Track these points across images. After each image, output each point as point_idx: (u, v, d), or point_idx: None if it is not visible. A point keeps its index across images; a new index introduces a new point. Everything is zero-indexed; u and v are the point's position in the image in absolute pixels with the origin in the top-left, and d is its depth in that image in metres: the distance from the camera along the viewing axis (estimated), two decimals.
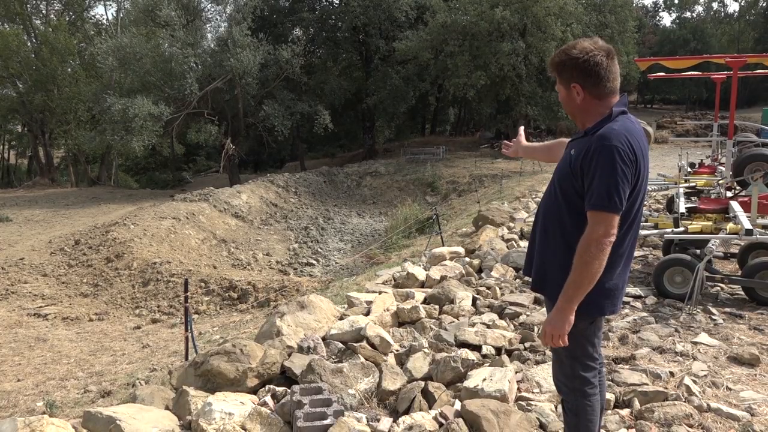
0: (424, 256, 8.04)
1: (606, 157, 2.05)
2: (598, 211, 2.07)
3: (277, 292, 11.85)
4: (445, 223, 16.26)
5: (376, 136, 39.14)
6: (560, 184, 2.26)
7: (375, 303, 5.07)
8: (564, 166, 2.27)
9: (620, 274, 2.29)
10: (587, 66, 2.18)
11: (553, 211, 2.30)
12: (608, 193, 2.05)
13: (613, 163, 2.05)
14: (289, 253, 17.80)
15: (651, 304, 5.38)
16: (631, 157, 2.08)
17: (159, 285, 12.85)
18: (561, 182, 2.26)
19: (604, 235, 2.06)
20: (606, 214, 2.06)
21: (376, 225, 22.25)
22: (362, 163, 31.78)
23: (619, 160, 2.05)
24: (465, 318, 4.96)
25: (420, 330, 4.71)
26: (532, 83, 29.07)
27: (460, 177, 25.52)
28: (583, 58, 2.18)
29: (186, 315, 5.98)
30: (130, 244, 14.66)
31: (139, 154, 28.22)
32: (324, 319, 4.79)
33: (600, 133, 2.12)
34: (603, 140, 2.08)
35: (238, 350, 3.84)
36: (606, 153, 2.06)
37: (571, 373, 2.35)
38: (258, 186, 24.02)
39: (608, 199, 2.05)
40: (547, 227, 2.33)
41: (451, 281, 5.80)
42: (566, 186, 2.22)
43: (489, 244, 7.83)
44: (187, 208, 18.47)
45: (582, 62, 2.18)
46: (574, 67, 2.20)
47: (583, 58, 2.18)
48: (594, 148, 2.09)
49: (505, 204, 13.23)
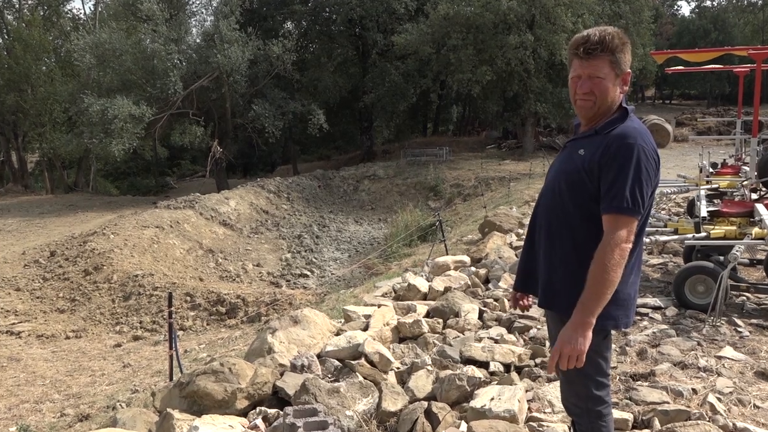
0: (427, 266, 8.04)
1: (631, 157, 2.07)
2: (620, 214, 2.07)
3: (268, 306, 11.84)
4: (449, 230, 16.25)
5: (375, 136, 39.23)
6: (569, 189, 2.24)
7: (374, 317, 5.07)
8: (572, 168, 2.25)
9: (633, 282, 2.28)
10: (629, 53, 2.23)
11: (560, 219, 2.28)
12: (632, 195, 2.05)
13: (639, 163, 2.06)
14: (281, 264, 17.79)
15: (671, 316, 5.38)
16: (655, 158, 2.12)
17: (141, 299, 12.83)
18: (570, 187, 2.24)
19: (626, 240, 2.06)
20: (628, 217, 2.07)
21: (375, 232, 22.25)
22: (359, 166, 31.82)
23: (644, 160, 2.07)
24: (471, 332, 4.96)
25: (422, 346, 4.71)
26: (541, 78, 29.15)
27: (464, 180, 25.54)
28: (629, 45, 2.23)
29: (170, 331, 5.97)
30: (109, 256, 14.65)
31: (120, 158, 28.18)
32: (319, 334, 4.79)
33: (620, 132, 2.13)
34: (625, 139, 2.10)
35: (227, 369, 3.83)
36: (631, 152, 2.07)
37: (584, 393, 2.33)
38: (247, 191, 24.04)
39: (632, 202, 2.05)
40: (554, 237, 2.30)
41: (455, 293, 5.80)
42: (578, 190, 2.21)
43: (496, 252, 7.84)
44: (171, 216, 18.47)
45: (630, 49, 2.23)
46: (627, 53, 2.21)
47: (629, 44, 2.23)
48: (616, 146, 2.09)
49: (513, 209, 13.24)
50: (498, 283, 6.53)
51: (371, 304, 5.91)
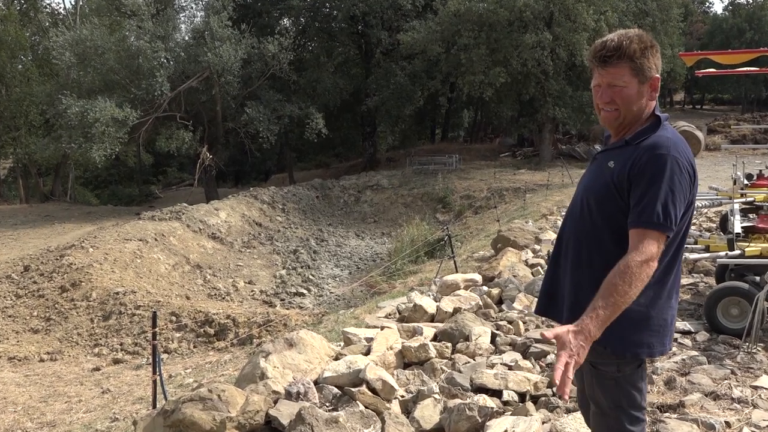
0: (434, 285, 8.05)
1: (663, 169, 2.08)
2: (649, 229, 2.07)
3: (261, 327, 11.84)
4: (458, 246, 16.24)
5: (378, 143, 39.31)
6: (598, 204, 2.25)
7: (376, 340, 5.08)
8: (601, 182, 2.26)
9: (670, 307, 2.27)
10: (659, 59, 2.25)
11: (588, 236, 2.29)
12: (664, 210, 2.06)
13: (672, 175, 2.07)
14: (275, 281, 17.81)
15: (702, 341, 5.37)
16: (690, 170, 2.12)
17: (122, 319, 12.85)
18: (600, 202, 2.24)
19: (653, 257, 2.06)
20: (658, 233, 2.07)
21: (378, 248, 22.26)
22: (361, 175, 31.90)
23: (677, 173, 2.08)
24: (482, 358, 4.97)
25: (429, 372, 4.71)
26: (560, 81, 29.25)
27: (476, 191, 25.56)
28: (658, 50, 2.26)
29: (154, 354, 5.99)
30: (88, 271, 14.69)
31: (101, 164, 28.31)
32: (316, 359, 4.79)
33: (652, 142, 2.14)
34: (657, 149, 2.11)
35: (215, 396, 3.84)
36: (662, 164, 2.09)
37: (616, 428, 2.31)
38: (239, 202, 24.11)
39: (664, 216, 2.06)
40: (581, 256, 2.31)
41: (465, 314, 5.81)
42: (608, 206, 2.22)
43: (511, 270, 7.84)
44: (156, 228, 18.53)
45: (658, 54, 2.25)
46: (656, 58, 2.24)
47: (658, 49, 2.26)
48: (646, 158, 2.11)
49: (529, 223, 13.26)
50: (512, 304, 6.53)
51: (373, 326, 5.92)
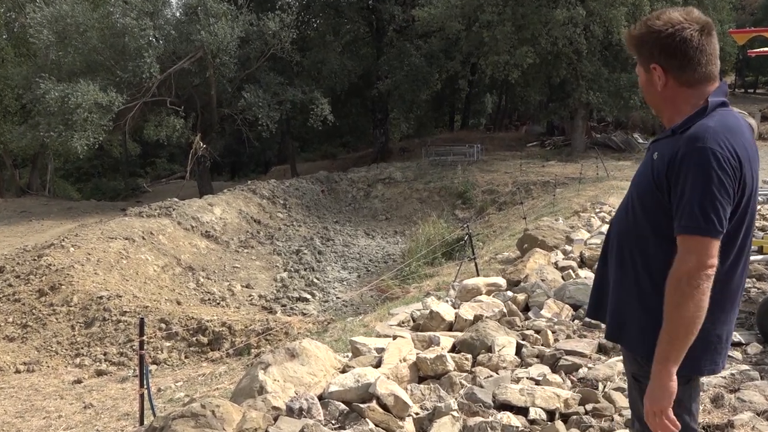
0: (453, 290, 8.03)
1: (698, 164, 2.06)
2: (691, 235, 2.06)
3: (259, 335, 11.87)
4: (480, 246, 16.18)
5: (390, 131, 39.32)
6: (641, 198, 2.26)
7: (388, 351, 5.08)
8: (645, 175, 2.27)
9: (724, 321, 2.26)
10: (672, 42, 2.20)
11: (631, 234, 2.30)
12: (703, 211, 2.04)
13: (708, 171, 2.05)
14: (275, 285, 17.86)
15: (754, 354, 5.33)
16: (733, 162, 2.08)
17: (106, 326, 12.92)
18: (642, 196, 2.26)
19: (699, 266, 2.04)
20: (700, 238, 2.05)
21: (390, 248, 22.26)
22: (372, 167, 31.92)
23: (716, 167, 2.05)
24: (507, 371, 4.96)
25: (447, 387, 4.71)
26: (594, 62, 29.07)
27: (500, 185, 25.50)
28: (667, 32, 2.20)
29: (141, 365, 6.01)
30: (69, 273, 14.77)
31: (83, 155, 28.42)
32: (321, 371, 4.80)
33: (691, 133, 2.12)
34: (694, 141, 2.09)
35: (209, 412, 3.85)
36: (698, 158, 2.06)
37: None
38: (236, 197, 24.17)
39: (703, 219, 2.04)
40: (624, 256, 2.33)
41: (488, 323, 5.80)
42: (649, 201, 2.23)
43: (538, 273, 7.82)
44: (144, 226, 18.61)
45: (665, 37, 2.21)
46: (655, 43, 2.23)
47: (667, 32, 2.20)
48: (683, 152, 2.09)
49: (560, 221, 13.21)
50: (540, 311, 6.51)
51: (385, 336, 5.92)
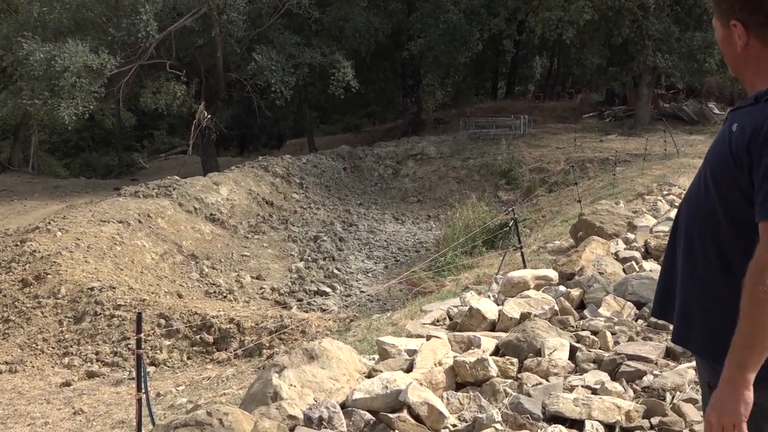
0: (496, 283, 8.01)
1: None
2: None
3: (272, 334, 11.92)
4: (527, 233, 16.11)
5: (423, 100, 39.14)
6: (714, 177, 2.22)
7: (421, 353, 5.08)
8: (721, 150, 2.23)
9: None
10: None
11: (702, 220, 2.27)
12: None
13: None
14: (290, 276, 17.92)
15: None
16: None
17: (98, 321, 13.03)
18: (716, 174, 2.22)
19: None
20: None
21: (422, 235, 22.22)
22: (401, 141, 31.83)
23: None
24: (558, 378, 4.95)
25: (489, 395, 4.71)
26: (663, 18, 28.66)
27: (551, 162, 25.34)
28: None
29: (138, 367, 6.06)
30: (56, 261, 14.91)
31: (71, 126, 28.63)
32: (344, 376, 4.82)
33: None
34: None
35: (216, 421, 3.88)
36: None
37: None
38: (245, 175, 24.25)
39: None
40: (694, 246, 2.29)
41: (537, 322, 5.77)
42: (724, 180, 2.19)
43: (596, 265, 7.76)
44: (140, 208, 18.74)
45: None
46: None
47: None
48: None
49: (621, 204, 13.10)
50: (598, 309, 6.46)
51: (417, 336, 5.92)
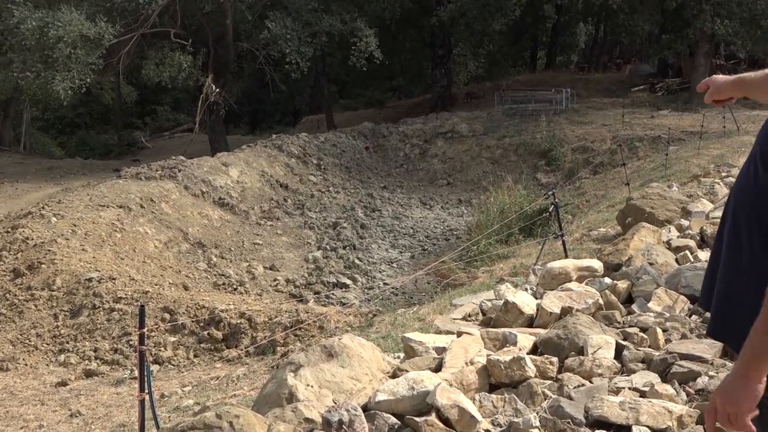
0: (534, 275, 8.00)
1: None
2: None
3: (287, 330, 11.96)
4: (569, 220, 16.05)
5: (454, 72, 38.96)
6: (764, 158, 2.21)
7: (451, 351, 5.09)
8: None
9: None
10: None
11: (748, 205, 2.26)
12: None
13: None
14: (307, 267, 17.97)
15: None
16: None
17: (97, 315, 13.13)
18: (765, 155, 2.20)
19: None
20: None
21: (453, 221, 22.20)
22: (430, 118, 31.73)
23: None
24: (603, 380, 4.94)
25: (526, 398, 4.72)
26: None
27: (596, 141, 25.20)
28: None
29: (141, 365, 6.11)
30: (50, 249, 15.02)
31: (66, 101, 28.76)
32: (366, 375, 4.83)
33: None
34: None
35: (226, 424, 3.91)
36: None
37: None
38: (257, 155, 24.30)
39: None
40: (740, 234, 2.28)
41: (579, 317, 5.76)
42: None
43: (646, 255, 7.72)
44: (142, 191, 18.85)
45: None
46: None
47: None
48: None
49: (674, 188, 13.02)
50: (647, 303, 6.43)
51: (446, 332, 5.93)
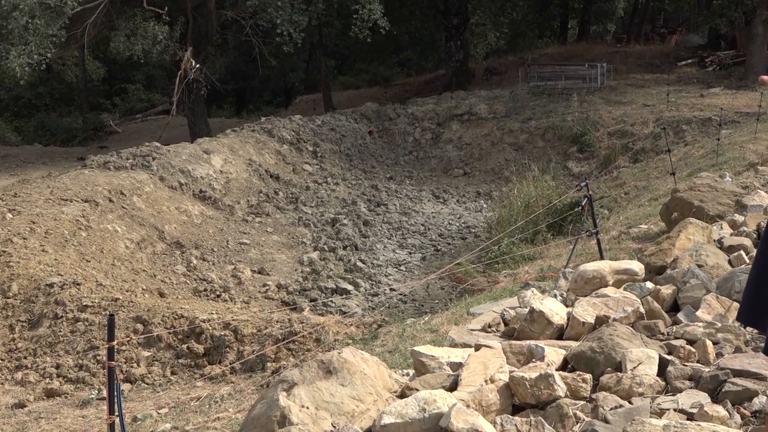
0: (564, 279, 8.00)
1: None
2: None
3: (279, 343, 11.99)
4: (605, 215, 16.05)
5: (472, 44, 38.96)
6: None
7: (468, 367, 5.10)
8: None
9: None
10: None
11: None
12: None
13: None
14: (301, 270, 17.99)
15: None
16: None
17: (59, 326, 13.17)
18: None
19: None
20: None
21: (470, 217, 22.21)
22: (443, 97, 31.77)
23: None
24: (645, 400, 4.95)
25: (555, 421, 4.73)
26: None
27: (636, 124, 25.19)
28: None
29: (110, 383, 6.13)
30: (5, 250, 15.08)
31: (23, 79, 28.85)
32: (370, 395, 4.84)
33: None
34: None
35: None
36: None
37: None
38: (244, 140, 24.33)
39: None
40: None
41: (616, 328, 5.77)
42: None
43: (693, 256, 7.72)
44: (111, 183, 18.88)
45: None
46: None
47: None
48: None
49: (727, 178, 13.00)
50: (695, 312, 6.43)
51: (463, 345, 5.94)
